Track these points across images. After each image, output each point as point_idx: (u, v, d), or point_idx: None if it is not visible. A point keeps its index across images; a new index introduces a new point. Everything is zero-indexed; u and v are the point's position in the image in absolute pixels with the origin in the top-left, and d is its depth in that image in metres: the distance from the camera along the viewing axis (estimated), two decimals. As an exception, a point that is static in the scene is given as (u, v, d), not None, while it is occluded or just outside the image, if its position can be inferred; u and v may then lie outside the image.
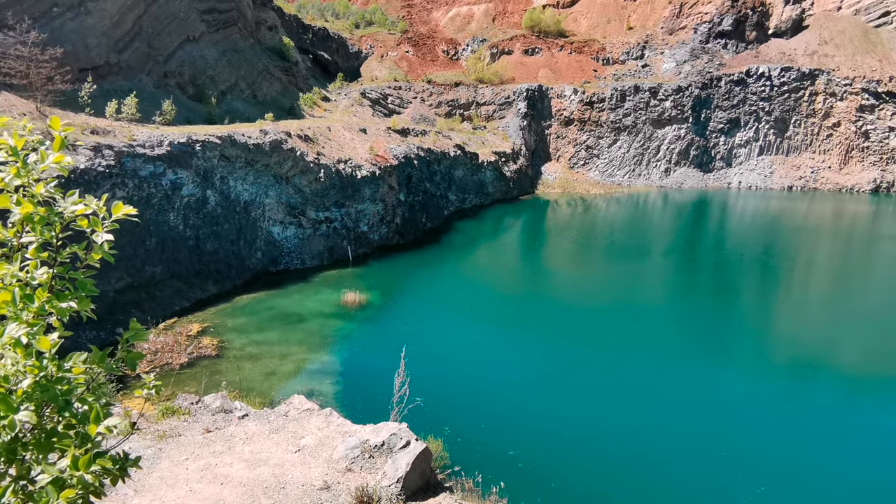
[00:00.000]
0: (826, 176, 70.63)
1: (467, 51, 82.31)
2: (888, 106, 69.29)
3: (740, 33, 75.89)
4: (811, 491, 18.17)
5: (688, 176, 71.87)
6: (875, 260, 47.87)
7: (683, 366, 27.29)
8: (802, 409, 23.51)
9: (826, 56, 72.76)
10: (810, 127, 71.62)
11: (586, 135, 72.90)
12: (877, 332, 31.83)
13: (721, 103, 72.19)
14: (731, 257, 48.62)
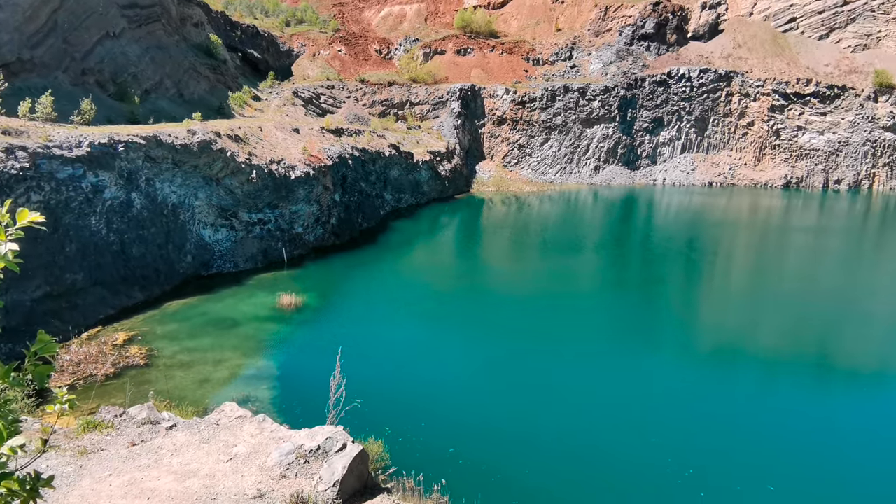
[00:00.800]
0: (742, 172, 74.50)
1: (400, 50, 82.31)
2: (796, 106, 73.70)
3: (662, 36, 79.03)
4: (737, 470, 19.26)
5: (616, 173, 74.33)
6: (787, 250, 50.92)
7: (615, 356, 28.34)
8: (725, 393, 24.86)
9: (740, 59, 76.71)
10: (727, 126, 75.37)
11: (519, 134, 74.25)
12: (791, 318, 33.94)
13: (645, 103, 74.97)
14: (657, 250, 50.67)
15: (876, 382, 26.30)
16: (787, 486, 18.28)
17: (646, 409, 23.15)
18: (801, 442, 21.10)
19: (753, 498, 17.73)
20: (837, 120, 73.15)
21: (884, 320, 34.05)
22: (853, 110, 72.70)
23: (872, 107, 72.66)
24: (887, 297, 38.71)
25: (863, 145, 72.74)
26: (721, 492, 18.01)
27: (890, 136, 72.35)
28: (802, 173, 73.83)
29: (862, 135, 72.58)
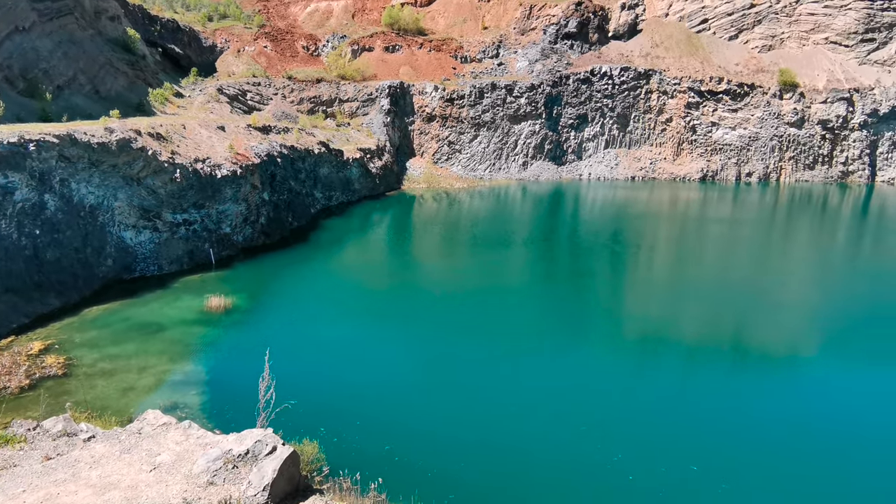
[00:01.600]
0: (662, 167, 77.89)
1: (328, 47, 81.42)
2: (710, 103, 77.62)
3: (584, 35, 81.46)
4: (662, 453, 20.37)
5: (543, 169, 76.20)
6: (705, 241, 53.72)
7: (545, 349, 29.29)
8: (650, 380, 26.16)
9: (658, 58, 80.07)
10: (647, 122, 78.56)
11: (448, 131, 74.94)
12: (709, 306, 35.94)
13: (570, 100, 77.14)
14: (584, 244, 52.41)
15: (786, 365, 28.29)
16: (708, 465, 19.52)
17: (574, 399, 24.11)
18: (720, 424, 22.52)
19: (678, 478, 18.84)
20: (747, 116, 77.53)
21: (792, 305, 36.58)
22: (761, 107, 77.24)
23: (778, 104, 77.39)
24: (795, 283, 41.54)
25: (770, 140, 77.40)
26: (647, 473, 19.04)
27: (794, 131, 77.29)
28: (717, 167, 77.85)
29: (769, 130, 77.20)
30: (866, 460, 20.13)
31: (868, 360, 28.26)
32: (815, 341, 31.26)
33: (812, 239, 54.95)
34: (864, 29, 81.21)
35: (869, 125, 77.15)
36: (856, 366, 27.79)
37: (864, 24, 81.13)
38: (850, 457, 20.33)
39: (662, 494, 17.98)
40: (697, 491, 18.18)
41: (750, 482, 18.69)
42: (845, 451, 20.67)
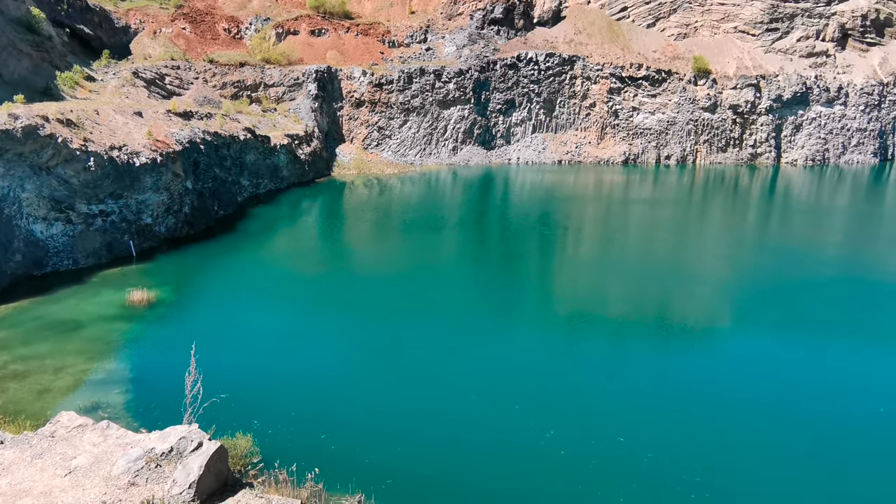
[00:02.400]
0: (587, 150, 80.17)
1: (251, 30, 79.01)
2: (630, 89, 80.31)
3: (510, 21, 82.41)
4: (592, 427, 21.30)
5: (473, 153, 76.97)
6: (629, 221, 55.88)
7: (478, 331, 29.91)
8: (580, 356, 27.21)
9: (581, 44, 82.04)
10: (572, 107, 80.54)
11: (378, 116, 74.45)
12: (634, 283, 37.55)
13: (498, 86, 78.05)
14: (514, 226, 53.52)
15: (704, 336, 30.04)
16: (634, 435, 20.60)
17: (507, 379, 24.83)
18: (645, 395, 23.75)
19: (606, 450, 19.80)
20: (665, 101, 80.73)
21: (708, 280, 38.72)
22: (678, 93, 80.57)
23: (693, 90, 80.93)
24: (710, 259, 43.94)
25: (686, 124, 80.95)
26: (578, 447, 19.89)
27: (708, 115, 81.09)
28: (638, 150, 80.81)
29: (686, 115, 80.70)
30: (776, 421, 21.79)
31: (777, 329, 30.41)
32: (730, 313, 33.30)
33: (726, 217, 58.12)
34: (769, 19, 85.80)
35: (774, 110, 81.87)
36: (766, 334, 29.84)
37: (769, 15, 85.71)
38: (762, 419, 21.94)
39: (593, 466, 18.90)
40: (623, 460, 19.19)
41: (673, 449, 19.88)
42: (758, 414, 22.29)
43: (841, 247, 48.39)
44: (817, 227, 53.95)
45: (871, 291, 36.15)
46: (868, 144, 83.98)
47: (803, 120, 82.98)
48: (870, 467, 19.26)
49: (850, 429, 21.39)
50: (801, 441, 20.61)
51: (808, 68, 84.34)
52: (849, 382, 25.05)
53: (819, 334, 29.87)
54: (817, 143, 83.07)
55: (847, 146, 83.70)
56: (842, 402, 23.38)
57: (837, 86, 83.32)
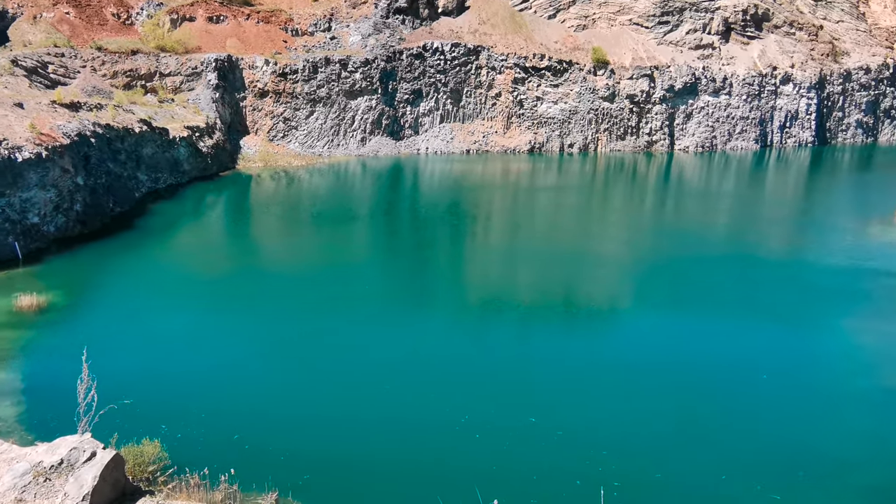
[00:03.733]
0: (494, 140, 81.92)
1: (143, 15, 74.98)
2: (534, 79, 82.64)
3: (415, 10, 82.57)
4: (504, 409, 22.20)
5: (382, 144, 76.86)
6: (536, 207, 57.79)
7: (389, 320, 30.30)
8: (492, 341, 28.14)
9: (485, 34, 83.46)
10: (479, 97, 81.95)
11: (283, 107, 72.83)
12: (542, 268, 39.06)
13: (405, 75, 78.17)
14: (425, 215, 54.14)
15: (607, 316, 31.83)
16: (546, 415, 21.69)
17: (420, 367, 25.41)
18: (553, 376, 24.99)
19: (519, 431, 20.74)
20: (567, 91, 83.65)
21: (611, 263, 40.88)
22: (578, 83, 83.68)
23: (593, 80, 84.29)
24: (612, 242, 46.32)
25: (588, 113, 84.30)
26: (492, 429, 20.73)
27: (607, 105, 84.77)
28: (543, 139, 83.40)
29: (587, 104, 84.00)
30: (673, 392, 23.59)
31: (672, 307, 32.67)
32: (630, 293, 35.44)
33: (626, 202, 61.27)
34: (661, 12, 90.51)
35: (667, 99, 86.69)
36: (663, 312, 32.01)
37: (660, 8, 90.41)
38: (661, 391, 23.68)
39: (507, 447, 19.81)
40: (534, 440, 20.21)
41: (581, 425, 21.14)
42: (657, 387, 24.02)
43: (728, 228, 52.28)
44: (708, 210, 57.92)
45: (756, 269, 39.43)
46: (750, 132, 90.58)
47: (693, 109, 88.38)
48: (755, 428, 21.32)
49: (738, 395, 23.50)
50: (695, 409, 22.46)
51: (696, 60, 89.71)
52: (737, 353, 27.41)
53: (710, 310, 32.38)
54: (706, 130, 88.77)
55: (732, 134, 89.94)
56: (731, 371, 25.59)
57: (723, 76, 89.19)
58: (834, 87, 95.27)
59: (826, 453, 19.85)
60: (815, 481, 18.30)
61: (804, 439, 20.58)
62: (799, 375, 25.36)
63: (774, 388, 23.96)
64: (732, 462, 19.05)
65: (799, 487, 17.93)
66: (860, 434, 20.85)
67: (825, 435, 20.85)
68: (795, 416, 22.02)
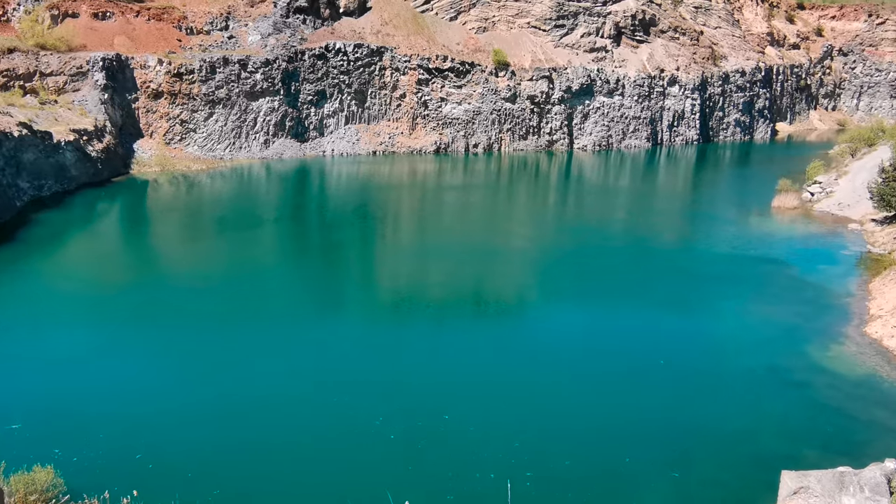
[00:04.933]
0: (400, 140, 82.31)
1: (20, 11, 69.57)
2: (438, 80, 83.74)
3: (316, 10, 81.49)
4: (419, 408, 22.55)
5: (286, 146, 75.37)
6: (443, 206, 58.67)
7: (299, 325, 29.97)
8: (405, 340, 28.44)
9: (388, 35, 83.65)
10: (384, 98, 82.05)
11: (179, 108, 69.84)
12: (451, 266, 39.76)
13: (308, 76, 77.03)
14: (333, 218, 53.73)
15: (517, 311, 32.94)
16: (458, 412, 22.22)
17: (332, 372, 25.35)
18: (467, 372, 25.62)
19: (433, 428, 21.16)
20: (470, 92, 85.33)
21: (517, 258, 42.24)
22: (481, 84, 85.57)
23: (495, 81, 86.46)
24: (517, 239, 47.83)
25: (490, 114, 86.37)
26: (407, 430, 21.03)
27: (509, 105, 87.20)
28: (448, 140, 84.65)
29: (489, 105, 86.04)
30: (579, 380, 24.86)
31: (576, 299, 34.29)
32: (536, 287, 36.86)
33: (529, 200, 63.41)
34: (556, 16, 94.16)
35: (565, 100, 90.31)
36: (568, 304, 33.54)
37: (556, 12, 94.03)
38: (566, 379, 24.88)
39: (421, 447, 20.19)
40: (448, 438, 20.72)
41: (493, 420, 21.86)
42: (563, 375, 25.22)
43: (625, 222, 55.33)
44: (606, 206, 60.99)
45: (650, 260, 42.02)
46: (642, 131, 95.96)
47: (590, 109, 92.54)
48: (656, 410, 22.88)
49: (638, 381, 25.09)
50: (601, 397, 23.81)
51: (591, 62, 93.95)
52: (635, 341, 29.20)
53: (610, 301, 34.26)
54: (602, 130, 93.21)
55: (626, 133, 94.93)
56: (631, 358, 27.24)
57: (616, 78, 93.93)
58: (714, 89, 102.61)
59: (719, 429, 21.67)
60: (710, 456, 19.95)
61: (700, 418, 22.36)
62: (692, 358, 27.46)
63: (671, 372, 25.81)
64: (636, 444, 20.42)
65: (696, 463, 19.50)
66: (748, 409, 22.90)
67: (718, 412, 22.75)
68: (691, 397, 23.86)
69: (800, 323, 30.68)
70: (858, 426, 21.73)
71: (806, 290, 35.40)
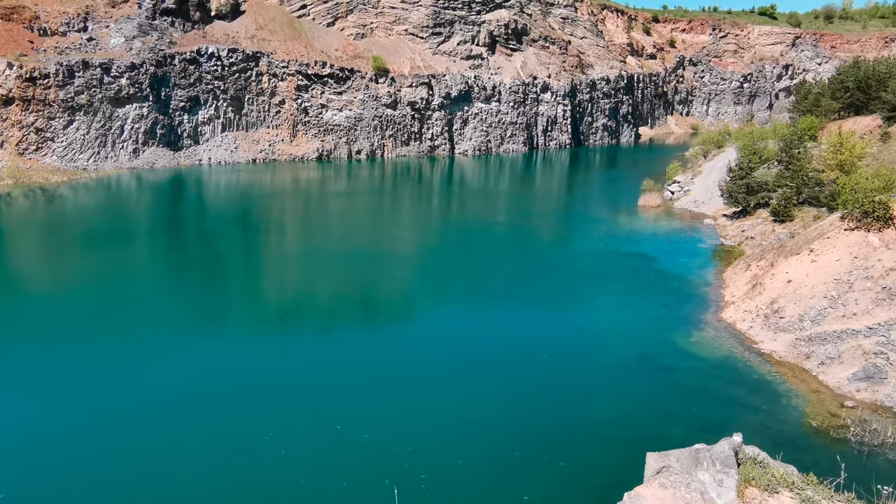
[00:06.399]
0: (281, 148, 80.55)
1: None
2: (317, 86, 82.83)
3: (185, 13, 77.92)
4: (309, 420, 22.35)
5: (158, 155, 71.44)
6: (328, 213, 58.14)
7: (179, 341, 28.71)
8: (295, 352, 28.00)
9: (264, 40, 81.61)
10: (262, 104, 79.94)
11: (34, 116, 64.23)
12: (338, 272, 39.55)
13: (179, 81, 73.47)
14: (213, 229, 51.62)
15: (408, 314, 33.37)
16: (350, 420, 22.27)
17: (221, 390, 24.56)
18: (357, 379, 25.69)
19: (325, 439, 21.10)
20: (351, 98, 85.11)
21: (403, 262, 42.76)
22: (361, 90, 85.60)
23: (375, 87, 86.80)
24: (403, 243, 48.41)
25: (372, 120, 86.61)
26: (297, 443, 20.83)
27: (390, 112, 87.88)
28: (331, 146, 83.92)
29: (371, 111, 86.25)
30: (471, 378, 25.70)
31: (462, 302, 35.32)
32: (422, 291, 37.53)
33: (413, 204, 64.28)
34: (433, 24, 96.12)
35: (445, 106, 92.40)
36: (454, 307, 34.47)
37: (433, 20, 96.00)
38: (459, 378, 25.65)
39: (313, 459, 20.09)
40: (341, 448, 20.75)
41: (387, 427, 22.13)
42: (454, 378, 25.97)
43: (505, 223, 57.54)
44: (487, 208, 63.09)
45: (530, 260, 44.09)
46: (519, 135, 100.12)
47: (469, 115, 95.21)
48: (541, 403, 24.17)
49: (524, 377, 26.36)
50: (490, 394, 24.78)
51: (468, 69, 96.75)
52: (519, 339, 30.57)
53: (493, 302, 35.62)
54: (481, 135, 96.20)
55: (504, 137, 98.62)
56: (516, 356, 28.51)
57: (492, 85, 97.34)
58: (583, 95, 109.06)
59: (600, 417, 23.28)
60: (592, 443, 21.43)
61: (582, 408, 23.94)
62: (572, 352, 29.25)
63: (553, 366, 27.38)
64: (525, 438, 21.54)
65: (580, 451, 20.88)
66: (624, 396, 24.78)
67: (598, 401, 24.45)
68: (573, 389, 25.47)
69: (666, 312, 33.52)
70: (719, 404, 24.23)
71: (670, 281, 38.69)
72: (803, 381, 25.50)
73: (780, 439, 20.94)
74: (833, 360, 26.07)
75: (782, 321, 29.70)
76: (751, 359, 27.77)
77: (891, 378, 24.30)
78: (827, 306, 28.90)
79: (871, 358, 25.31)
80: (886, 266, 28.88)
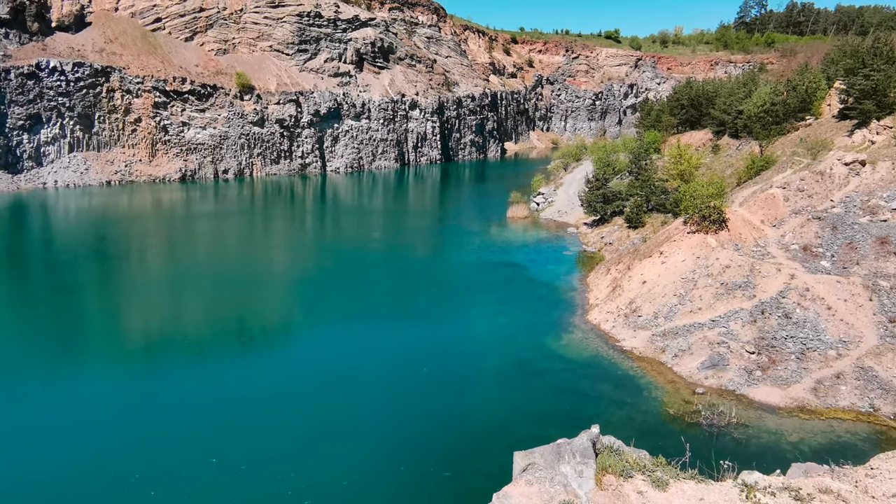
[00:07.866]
0: (139, 168, 75.58)
1: None
2: (177, 103, 78.79)
3: (21, 23, 71.19)
4: (184, 449, 21.14)
5: (-7, 179, 64.51)
6: (195, 236, 55.29)
7: (36, 381, 26.22)
8: (162, 384, 26.35)
9: (114, 54, 76.41)
10: (115, 122, 74.67)
11: None
12: (209, 297, 37.71)
13: (16, 98, 66.94)
14: (63, 258, 47.33)
15: (282, 338, 32.48)
16: (228, 453, 21.34)
17: (81, 429, 22.69)
18: (236, 409, 24.65)
19: (200, 475, 20.09)
20: (215, 116, 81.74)
21: (277, 284, 41.62)
22: (226, 107, 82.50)
23: (241, 104, 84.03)
24: (276, 264, 47.12)
25: (239, 138, 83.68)
26: (169, 481, 19.72)
27: (258, 129, 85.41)
28: (195, 166, 79.96)
29: (237, 129, 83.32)
30: (346, 394, 25.51)
31: (341, 320, 35.02)
32: (302, 311, 36.80)
33: (285, 224, 62.78)
34: (299, 41, 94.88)
35: (315, 123, 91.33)
36: (332, 326, 34.10)
37: (298, 37, 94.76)
38: (340, 401, 25.38)
39: (187, 498, 19.09)
40: (217, 483, 19.89)
41: (266, 455, 21.47)
42: (334, 397, 25.68)
43: (380, 241, 57.77)
44: (361, 226, 63.00)
45: (406, 276, 44.58)
46: (390, 152, 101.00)
47: (339, 132, 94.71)
48: (427, 415, 24.52)
49: (406, 390, 26.63)
50: (371, 412, 24.77)
51: (336, 87, 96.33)
52: (400, 353, 30.82)
53: (373, 319, 35.67)
54: (353, 152, 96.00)
55: (375, 154, 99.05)
56: (398, 370, 28.72)
57: (361, 102, 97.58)
58: (451, 112, 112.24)
59: (480, 424, 24.04)
60: (473, 450, 22.09)
61: (462, 417, 24.60)
62: (450, 363, 29.96)
63: (433, 379, 27.92)
64: (409, 452, 21.78)
65: (463, 459, 21.46)
66: (502, 402, 25.78)
67: (478, 409, 25.24)
68: (453, 399, 26.11)
69: (537, 318, 35.29)
70: (588, 401, 25.89)
71: (539, 288, 40.77)
72: (661, 374, 27.90)
73: (643, 429, 22.82)
74: (684, 352, 28.78)
75: (640, 319, 32.32)
76: (615, 356, 29.95)
77: (732, 364, 27.27)
78: (677, 303, 31.86)
79: (715, 347, 28.26)
80: (723, 264, 32.41)
